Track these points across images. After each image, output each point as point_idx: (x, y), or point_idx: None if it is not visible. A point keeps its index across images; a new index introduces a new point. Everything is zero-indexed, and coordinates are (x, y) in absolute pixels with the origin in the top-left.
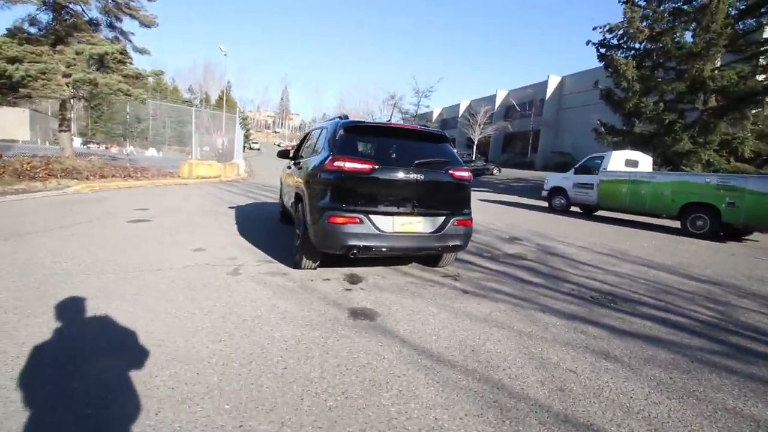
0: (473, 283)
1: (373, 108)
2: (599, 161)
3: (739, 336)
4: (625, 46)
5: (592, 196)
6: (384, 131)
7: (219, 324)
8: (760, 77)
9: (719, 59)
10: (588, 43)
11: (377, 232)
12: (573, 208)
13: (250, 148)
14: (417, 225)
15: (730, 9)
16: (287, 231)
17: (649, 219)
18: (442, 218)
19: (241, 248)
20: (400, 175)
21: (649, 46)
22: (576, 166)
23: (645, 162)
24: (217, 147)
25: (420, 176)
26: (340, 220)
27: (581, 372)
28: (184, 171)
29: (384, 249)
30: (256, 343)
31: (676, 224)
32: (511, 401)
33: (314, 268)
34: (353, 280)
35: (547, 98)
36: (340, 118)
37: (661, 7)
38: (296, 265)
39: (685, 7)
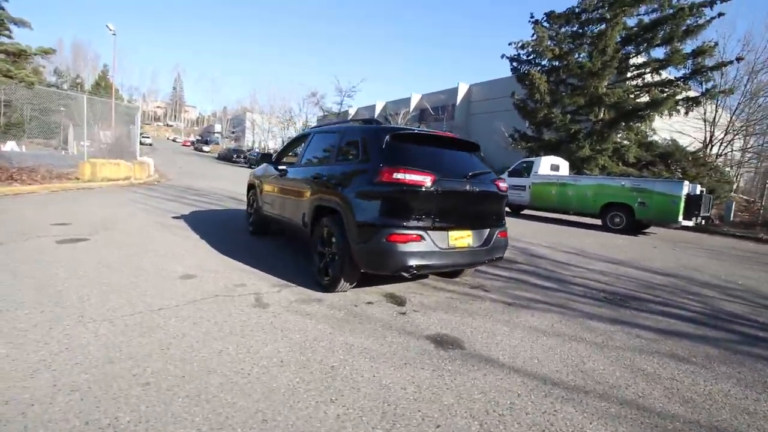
0: (503, 292)
1: (291, 105)
2: (527, 165)
3: (732, 323)
4: (534, 62)
5: (525, 197)
6: (426, 139)
7: (310, 377)
8: (644, 97)
9: (612, 78)
10: (503, 56)
11: (436, 249)
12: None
13: (141, 143)
14: (468, 239)
15: (619, 36)
16: (270, 245)
17: (571, 217)
18: (488, 230)
19: (238, 271)
20: (458, 187)
21: (555, 63)
22: (509, 169)
23: (564, 166)
24: (101, 141)
25: (474, 188)
26: (401, 238)
27: (681, 379)
28: (84, 172)
29: (440, 266)
30: (377, 398)
31: (596, 221)
32: (665, 421)
33: (346, 290)
34: (395, 300)
35: (457, 104)
36: (367, 122)
37: (563, 30)
38: (327, 288)
39: (580, 31)
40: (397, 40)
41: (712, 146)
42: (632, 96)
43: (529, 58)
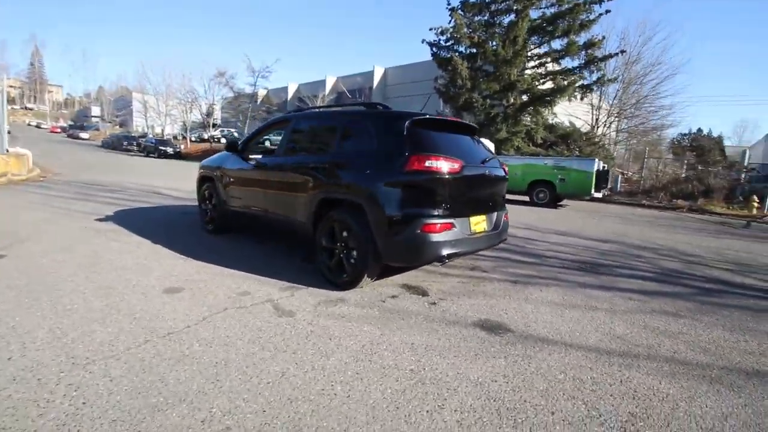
0: (499, 271)
1: (196, 85)
2: None
3: (681, 277)
4: (452, 49)
5: None
6: (439, 125)
7: (400, 386)
8: (549, 84)
9: (521, 66)
10: (423, 41)
11: (463, 236)
12: None
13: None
14: (483, 224)
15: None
16: (238, 243)
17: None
18: (496, 214)
19: (228, 277)
20: (479, 172)
21: (473, 50)
22: None
23: (492, 149)
24: None
25: (491, 172)
26: (435, 228)
27: (687, 332)
28: None
29: (465, 253)
30: (479, 396)
31: (524, 198)
32: (705, 371)
33: (363, 287)
34: (415, 291)
35: (374, 87)
36: (369, 106)
37: (476, 18)
38: (344, 286)
39: (492, 20)
40: (308, 19)
41: (598, 127)
42: (537, 83)
43: (448, 44)
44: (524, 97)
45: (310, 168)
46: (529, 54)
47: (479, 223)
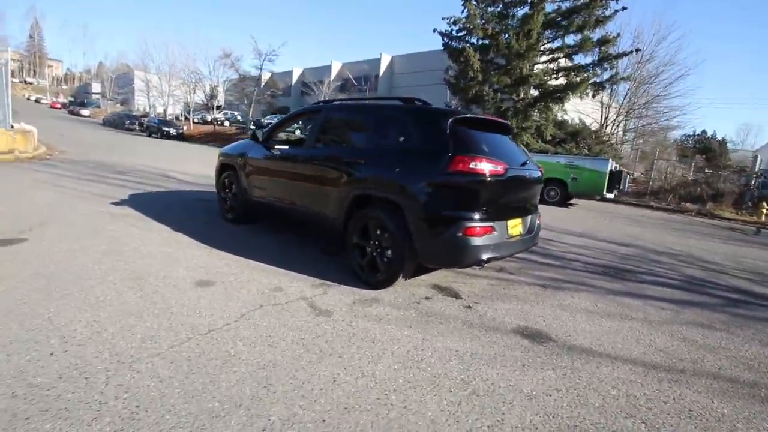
0: (526, 273)
1: (200, 66)
2: None
3: (705, 286)
4: (464, 40)
5: None
6: (480, 124)
7: (454, 397)
8: (560, 80)
9: (535, 60)
10: (434, 30)
11: (502, 240)
12: None
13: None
14: (519, 227)
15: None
16: (260, 234)
17: None
18: (530, 217)
19: (257, 271)
20: (520, 174)
21: (485, 42)
22: None
23: None
24: None
25: (530, 175)
26: (477, 231)
27: (727, 346)
28: None
29: (502, 257)
30: (537, 411)
31: None
32: (754, 389)
33: (394, 286)
34: (447, 292)
35: (380, 75)
36: (407, 101)
37: (489, 10)
38: (377, 286)
39: (505, 12)
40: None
41: (607, 126)
42: (548, 78)
43: (460, 35)
44: (535, 93)
45: (344, 162)
46: (542, 48)
47: (516, 227)
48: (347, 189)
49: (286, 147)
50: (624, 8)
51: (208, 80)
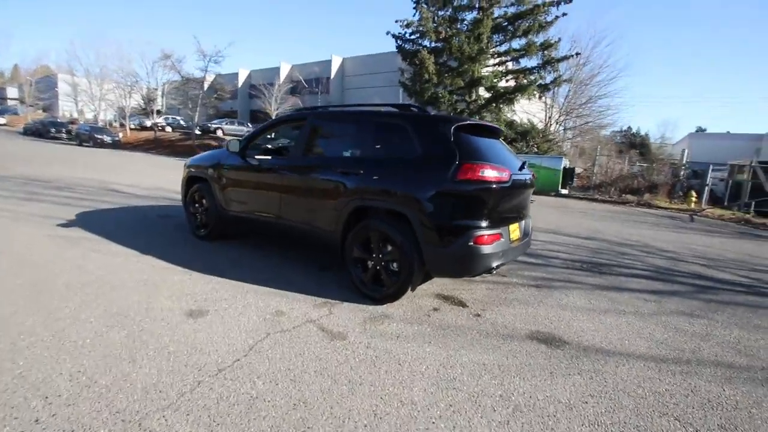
0: (517, 275)
1: (137, 68)
2: None
3: (673, 274)
4: (417, 43)
5: None
6: (477, 129)
7: (500, 417)
8: (511, 81)
9: (487, 63)
10: (388, 33)
11: (508, 246)
12: None
13: None
14: (518, 231)
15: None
16: (238, 250)
17: None
18: (524, 221)
19: (251, 293)
20: (522, 179)
21: (438, 45)
22: None
23: None
24: None
25: (528, 180)
26: (486, 239)
27: (714, 333)
28: None
29: (506, 263)
30: (582, 422)
31: None
32: (753, 373)
33: (399, 299)
34: (453, 302)
35: (332, 77)
36: (403, 107)
37: (440, 13)
38: (382, 300)
39: (455, 16)
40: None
41: (551, 125)
42: (499, 80)
43: (413, 37)
44: (487, 94)
45: (339, 172)
46: (491, 52)
47: (515, 231)
48: (345, 201)
49: (269, 157)
50: (564, 14)
51: (146, 83)
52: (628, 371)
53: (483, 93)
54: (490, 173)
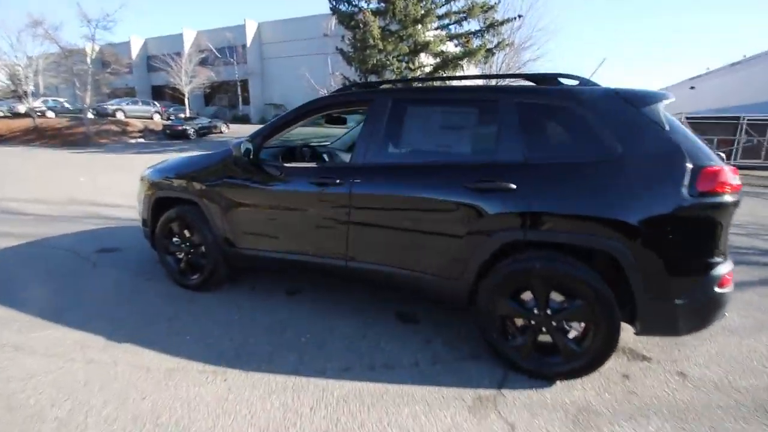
0: None
1: None
2: None
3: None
4: (355, 5)
5: None
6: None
7: None
8: (457, 48)
9: (432, 27)
10: None
11: None
12: None
13: None
14: None
15: None
16: (261, 297)
17: None
18: None
19: (367, 398)
20: None
21: (380, 6)
22: None
23: None
24: None
25: None
26: (729, 277)
27: None
28: None
29: None
30: None
31: None
32: None
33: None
34: (629, 355)
35: (248, 45)
36: (544, 80)
37: None
38: (562, 376)
39: None
40: None
41: None
42: (444, 45)
43: None
44: (435, 61)
45: (473, 188)
46: (437, 14)
47: None
48: (482, 233)
49: (311, 165)
50: None
51: (12, 58)
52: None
53: (424, 59)
54: (732, 180)
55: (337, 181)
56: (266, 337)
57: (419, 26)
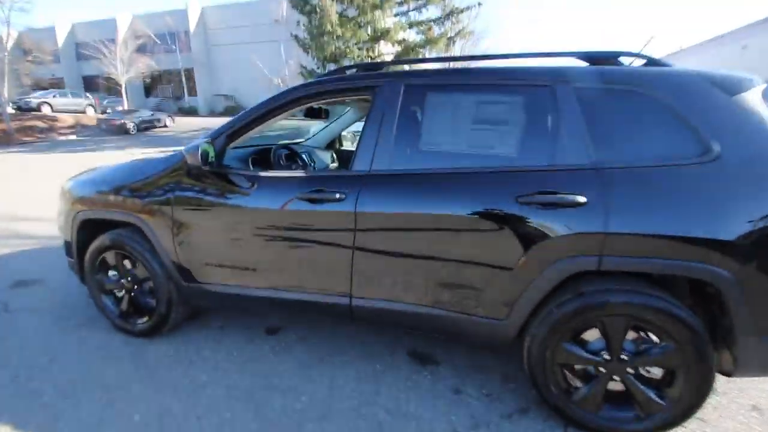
0: None
1: None
2: None
3: None
4: None
5: None
6: None
7: None
8: (419, 36)
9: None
10: None
11: None
12: None
13: None
14: None
15: None
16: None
17: None
18: None
19: None
20: None
21: None
22: None
23: None
24: None
25: None
26: None
27: None
28: None
29: None
30: None
31: None
32: None
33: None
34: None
35: (191, 31)
36: (596, 58)
37: None
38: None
39: None
40: None
41: None
42: (403, 32)
43: None
44: (395, 49)
45: (526, 202)
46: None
47: None
48: (539, 259)
49: (301, 173)
50: None
51: None
52: None
53: (383, 48)
54: None
55: (337, 195)
56: (249, 411)
57: (378, 12)
